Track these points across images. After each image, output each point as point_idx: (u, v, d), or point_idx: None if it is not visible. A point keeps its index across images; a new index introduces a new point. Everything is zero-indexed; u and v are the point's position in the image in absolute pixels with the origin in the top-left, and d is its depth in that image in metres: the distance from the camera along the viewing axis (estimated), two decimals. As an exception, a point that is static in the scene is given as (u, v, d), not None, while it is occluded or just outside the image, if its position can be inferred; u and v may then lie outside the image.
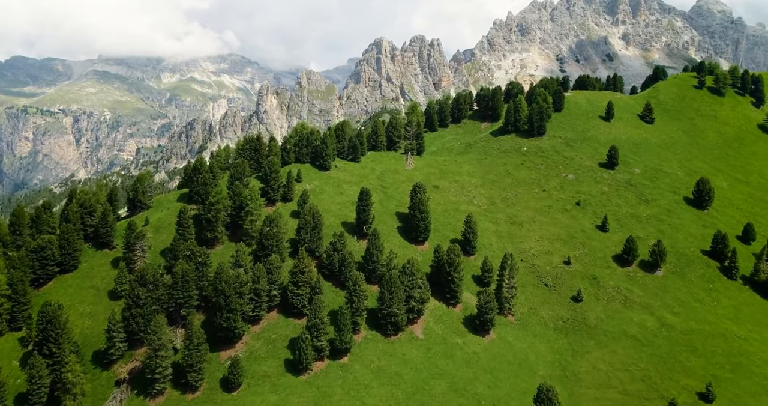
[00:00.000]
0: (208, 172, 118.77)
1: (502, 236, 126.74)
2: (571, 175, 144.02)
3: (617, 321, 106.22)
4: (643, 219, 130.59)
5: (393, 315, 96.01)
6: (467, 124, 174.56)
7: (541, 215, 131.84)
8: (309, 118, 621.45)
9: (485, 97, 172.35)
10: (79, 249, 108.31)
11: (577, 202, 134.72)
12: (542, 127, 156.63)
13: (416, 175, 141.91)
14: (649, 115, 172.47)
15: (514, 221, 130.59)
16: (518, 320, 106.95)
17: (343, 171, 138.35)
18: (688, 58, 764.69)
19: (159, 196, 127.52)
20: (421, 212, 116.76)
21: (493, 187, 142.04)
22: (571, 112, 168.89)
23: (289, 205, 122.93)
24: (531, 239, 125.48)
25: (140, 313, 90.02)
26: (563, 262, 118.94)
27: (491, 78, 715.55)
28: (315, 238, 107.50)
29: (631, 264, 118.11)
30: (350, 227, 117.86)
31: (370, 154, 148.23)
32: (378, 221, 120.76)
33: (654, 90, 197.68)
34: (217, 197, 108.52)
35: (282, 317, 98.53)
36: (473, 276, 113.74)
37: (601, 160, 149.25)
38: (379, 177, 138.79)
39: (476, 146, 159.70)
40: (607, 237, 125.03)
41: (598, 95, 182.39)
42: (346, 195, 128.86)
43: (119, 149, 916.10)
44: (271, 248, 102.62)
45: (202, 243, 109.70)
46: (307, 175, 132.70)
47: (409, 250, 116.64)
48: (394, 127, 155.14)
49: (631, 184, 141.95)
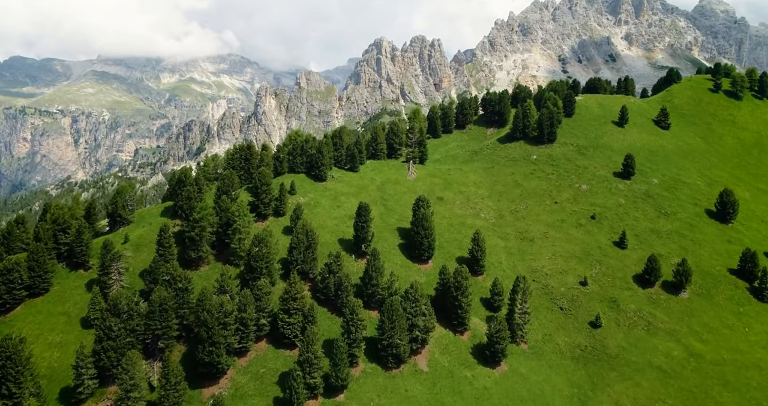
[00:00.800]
0: (193, 185, 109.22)
1: (512, 253, 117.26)
2: (584, 185, 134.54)
3: (640, 350, 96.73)
4: (663, 234, 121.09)
5: (395, 346, 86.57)
6: (472, 130, 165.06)
7: (553, 230, 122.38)
8: (308, 119, 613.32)
9: (491, 101, 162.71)
10: (51, 271, 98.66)
11: (592, 215, 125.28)
12: (553, 134, 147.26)
13: (419, 185, 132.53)
14: (664, 121, 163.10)
15: (525, 237, 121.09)
16: (532, 348, 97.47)
17: (341, 182, 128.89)
18: (691, 59, 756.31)
19: (141, 210, 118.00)
20: (425, 229, 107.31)
21: (501, 199, 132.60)
22: (582, 118, 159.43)
23: (281, 220, 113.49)
24: (543, 256, 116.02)
25: (112, 346, 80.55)
26: (579, 282, 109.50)
27: (492, 79, 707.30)
28: (308, 258, 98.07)
29: (653, 285, 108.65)
30: (348, 245, 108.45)
31: (370, 163, 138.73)
32: (378, 238, 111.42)
33: (668, 93, 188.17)
34: (202, 214, 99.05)
35: (272, 347, 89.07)
36: (482, 299, 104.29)
37: (616, 170, 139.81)
38: (379, 188, 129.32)
39: (482, 154, 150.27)
40: (626, 255, 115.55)
41: (610, 99, 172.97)
42: (344, 209, 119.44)
43: (118, 150, 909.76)
44: (260, 270, 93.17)
45: (185, 263, 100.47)
46: (302, 186, 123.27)
47: (412, 270, 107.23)
48: (395, 134, 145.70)
49: (649, 195, 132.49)
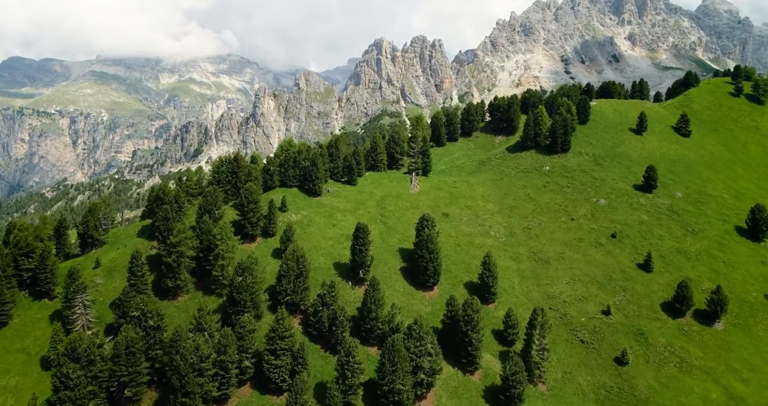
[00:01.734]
0: (172, 202, 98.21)
1: (526, 277, 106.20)
2: (602, 200, 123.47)
3: (674, 392, 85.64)
4: (692, 255, 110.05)
5: (396, 392, 75.53)
6: (479, 138, 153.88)
7: (570, 250, 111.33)
8: (307, 120, 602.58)
9: (499, 107, 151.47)
10: (10, 301, 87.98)
11: (613, 233, 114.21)
12: (567, 143, 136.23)
13: (422, 200, 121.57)
14: (685, 128, 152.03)
15: (540, 258, 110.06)
16: (551, 389, 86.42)
17: (337, 197, 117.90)
18: (695, 59, 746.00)
19: (116, 230, 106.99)
20: (430, 252, 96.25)
21: (512, 215, 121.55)
22: (597, 125, 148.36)
23: (270, 241, 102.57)
24: (560, 280, 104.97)
25: (70, 397, 69.56)
26: (601, 311, 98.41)
27: (494, 79, 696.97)
28: (299, 288, 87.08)
29: (684, 315, 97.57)
30: (344, 270, 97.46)
31: (369, 176, 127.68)
32: (378, 261, 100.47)
33: (686, 98, 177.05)
34: (180, 237, 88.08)
35: (256, 393, 78.16)
36: (494, 331, 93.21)
37: (636, 182, 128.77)
38: (379, 203, 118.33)
39: (491, 164, 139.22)
40: (652, 279, 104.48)
41: (626, 104, 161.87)
42: (340, 227, 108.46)
43: (116, 151, 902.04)
44: (244, 303, 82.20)
45: (161, 292, 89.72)
46: (294, 202, 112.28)
47: (416, 298, 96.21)
48: (396, 143, 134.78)
49: (673, 210, 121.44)
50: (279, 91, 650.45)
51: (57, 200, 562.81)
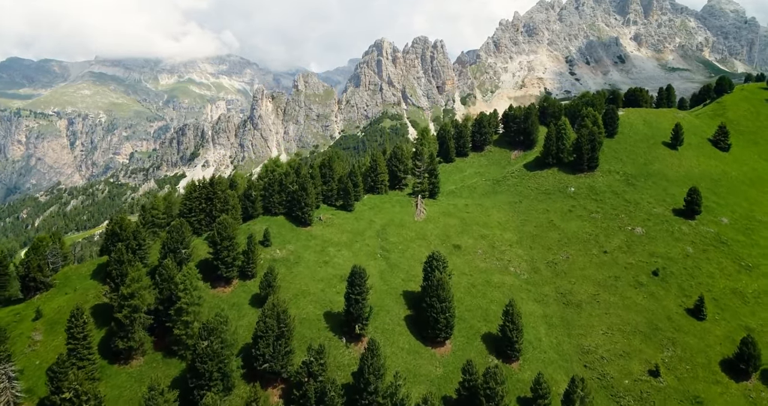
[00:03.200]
0: (130, 239, 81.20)
1: (554, 325, 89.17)
2: (638, 228, 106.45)
3: None
4: (750, 298, 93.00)
5: None
6: (492, 153, 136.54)
7: (606, 291, 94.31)
8: (306, 123, 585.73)
9: (516, 117, 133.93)
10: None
11: (654, 271, 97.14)
12: (594, 160, 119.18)
13: (430, 229, 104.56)
14: (723, 140, 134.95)
15: (569, 301, 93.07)
16: (593, 478, 69.48)
17: (331, 226, 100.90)
18: (703, 60, 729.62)
19: (68, 269, 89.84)
20: (442, 301, 79.33)
21: (534, 246, 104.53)
22: (626, 138, 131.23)
23: (249, 284, 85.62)
24: (596, 330, 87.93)
25: None
26: (648, 371, 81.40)
27: (497, 81, 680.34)
28: (280, 352, 70.03)
29: (750, 377, 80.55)
30: (337, 322, 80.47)
31: (368, 199, 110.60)
32: (378, 308, 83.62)
33: (719, 106, 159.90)
34: (134, 287, 71.18)
35: None
36: (519, 398, 76.18)
37: (675, 206, 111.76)
38: (379, 234, 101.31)
39: (507, 184, 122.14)
40: (706, 329, 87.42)
41: (656, 114, 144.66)
42: (334, 265, 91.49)
43: (115, 153, 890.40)
44: (210, 375, 65.28)
45: (113, 355, 72.88)
46: (279, 234, 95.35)
47: (424, 357, 79.17)
48: (399, 160, 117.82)
49: (721, 241, 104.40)
50: (277, 93, 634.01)
51: (50, 205, 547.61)
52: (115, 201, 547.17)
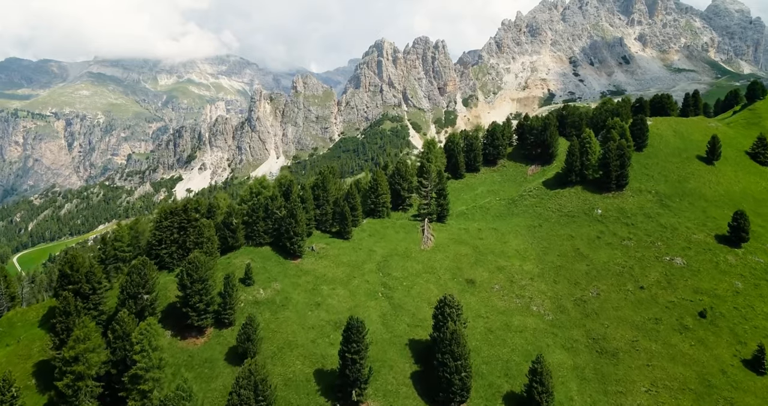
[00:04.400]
0: (82, 281, 67.45)
1: (587, 379, 75.44)
2: (678, 259, 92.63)
3: None
4: (815, 345, 79.25)
5: None
6: (507, 168, 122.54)
7: (645, 337, 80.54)
8: (305, 125, 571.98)
9: (532, 128, 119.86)
10: None
11: (701, 311, 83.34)
12: (624, 177, 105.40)
13: (438, 260, 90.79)
14: (763, 154, 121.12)
15: (603, 348, 79.31)
16: None
17: (324, 258, 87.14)
18: (708, 61, 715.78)
19: (13, 312, 76.16)
20: (456, 359, 65.64)
21: (558, 280, 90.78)
22: (657, 152, 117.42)
23: (226, 333, 71.95)
24: (637, 386, 74.17)
25: None
26: (704, 442, 67.87)
27: (500, 82, 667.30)
28: (258, 433, 56.42)
29: (828, 449, 67.04)
30: (330, 382, 66.77)
31: (367, 225, 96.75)
32: (380, 364, 69.93)
33: (753, 114, 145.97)
34: (79, 349, 57.53)
35: None
36: (551, 479, 62.68)
37: (718, 231, 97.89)
38: (380, 267, 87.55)
39: (524, 205, 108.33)
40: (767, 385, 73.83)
41: (686, 124, 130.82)
42: (327, 308, 77.74)
43: (113, 154, 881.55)
44: (168, 467, 51.65)
45: (53, 430, 59.05)
46: (264, 270, 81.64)
47: (435, 428, 65.54)
48: (402, 177, 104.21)
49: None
50: (276, 95, 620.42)
51: (44, 208, 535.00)
52: (110, 205, 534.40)
